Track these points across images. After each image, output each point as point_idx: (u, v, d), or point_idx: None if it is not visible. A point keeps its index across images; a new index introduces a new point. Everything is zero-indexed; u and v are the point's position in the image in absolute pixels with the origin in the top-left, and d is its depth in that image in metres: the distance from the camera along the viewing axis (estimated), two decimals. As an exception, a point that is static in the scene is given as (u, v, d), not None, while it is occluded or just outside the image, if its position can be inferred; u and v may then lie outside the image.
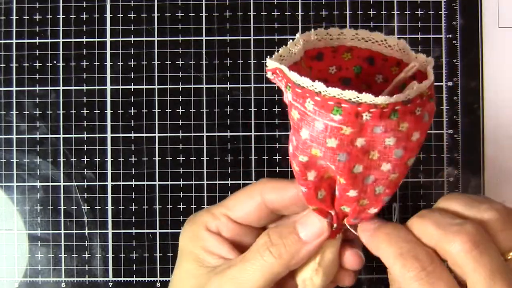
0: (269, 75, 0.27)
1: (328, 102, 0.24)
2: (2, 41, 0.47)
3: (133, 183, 0.46)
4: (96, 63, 0.46)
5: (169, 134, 0.46)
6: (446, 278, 0.25)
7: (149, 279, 0.46)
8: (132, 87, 0.46)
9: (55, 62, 0.46)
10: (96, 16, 0.47)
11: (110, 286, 0.46)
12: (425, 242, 0.26)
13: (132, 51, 0.46)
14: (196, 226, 0.32)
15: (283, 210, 0.31)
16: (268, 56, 0.26)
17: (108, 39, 0.47)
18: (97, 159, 0.46)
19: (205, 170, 0.46)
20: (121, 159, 0.46)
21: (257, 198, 0.31)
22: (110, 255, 0.46)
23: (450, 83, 0.46)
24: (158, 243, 0.46)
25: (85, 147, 0.46)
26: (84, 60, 0.46)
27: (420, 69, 0.28)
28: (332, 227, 0.30)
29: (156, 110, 0.46)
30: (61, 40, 0.47)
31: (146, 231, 0.46)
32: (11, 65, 0.46)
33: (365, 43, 0.29)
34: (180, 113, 0.46)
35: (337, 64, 0.30)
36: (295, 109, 0.26)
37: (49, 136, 0.46)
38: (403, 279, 0.26)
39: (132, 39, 0.47)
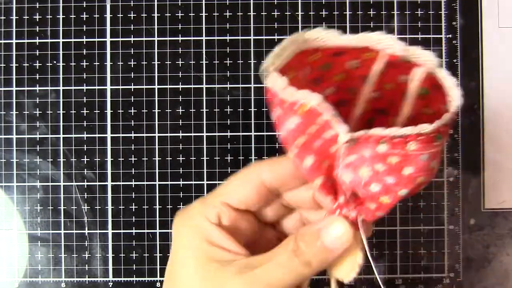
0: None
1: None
2: (2, 41, 0.47)
3: (133, 183, 0.46)
4: (96, 63, 0.46)
5: (169, 134, 0.46)
6: None
7: (149, 279, 0.46)
8: (132, 87, 0.46)
9: (55, 62, 0.46)
10: (96, 16, 0.47)
11: (110, 286, 0.46)
12: None
13: (132, 51, 0.47)
14: (195, 219, 0.31)
15: (282, 187, 0.31)
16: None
17: (108, 39, 0.47)
18: (97, 159, 0.46)
19: (205, 170, 0.46)
20: (121, 159, 0.46)
21: (255, 179, 0.31)
22: (110, 255, 0.46)
23: (450, 83, 0.46)
24: (158, 243, 0.46)
25: (85, 147, 0.46)
26: (84, 60, 0.46)
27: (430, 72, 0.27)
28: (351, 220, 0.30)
29: (156, 110, 0.46)
30: (61, 40, 0.47)
31: (146, 231, 0.46)
32: (11, 65, 0.46)
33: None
34: (180, 113, 0.46)
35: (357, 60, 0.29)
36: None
37: (49, 136, 0.46)
38: None
39: (132, 39, 0.47)
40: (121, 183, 0.46)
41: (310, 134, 0.26)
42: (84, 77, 0.46)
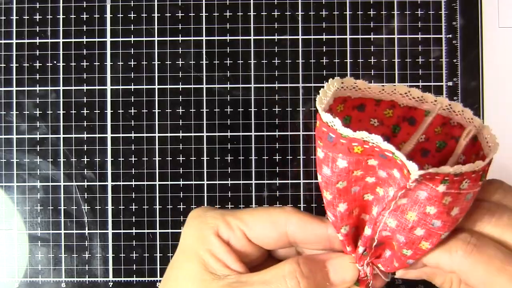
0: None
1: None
2: (2, 41, 0.47)
3: (133, 183, 0.46)
4: (96, 63, 0.46)
5: (169, 134, 0.46)
6: None
7: (149, 279, 0.46)
8: (132, 87, 0.46)
9: (55, 62, 0.46)
10: (96, 16, 0.47)
11: (110, 286, 0.46)
12: None
13: (132, 51, 0.47)
14: (205, 226, 0.30)
15: (303, 245, 0.31)
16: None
17: (108, 39, 0.47)
18: (97, 159, 0.46)
19: (205, 170, 0.46)
20: (121, 159, 0.46)
21: (281, 227, 0.30)
22: (110, 255, 0.46)
23: (450, 83, 0.46)
24: (158, 243, 0.46)
25: (85, 147, 0.46)
26: (84, 60, 0.47)
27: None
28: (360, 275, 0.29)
29: (156, 110, 0.46)
30: (61, 40, 0.47)
31: (146, 231, 0.46)
32: (11, 65, 0.46)
33: (405, 99, 0.28)
34: (180, 113, 0.46)
35: (379, 118, 0.29)
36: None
37: (49, 136, 0.46)
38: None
39: (132, 39, 0.47)
40: (121, 183, 0.46)
41: (353, 178, 0.26)
42: (84, 77, 0.47)
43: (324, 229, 0.29)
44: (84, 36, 0.47)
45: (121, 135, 0.46)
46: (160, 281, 0.46)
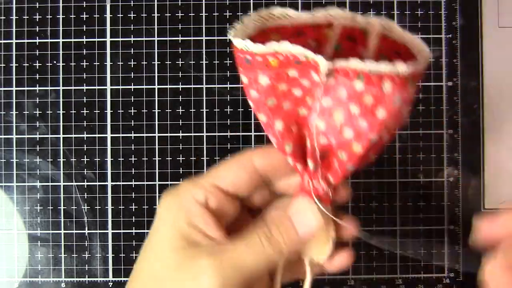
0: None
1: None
2: (2, 41, 0.47)
3: (133, 183, 0.46)
4: (96, 63, 0.46)
5: (169, 134, 0.46)
6: None
7: (149, 279, 0.46)
8: (132, 87, 0.46)
9: (55, 62, 0.46)
10: (96, 16, 0.47)
11: (110, 286, 0.46)
12: None
13: (132, 51, 0.47)
14: (181, 197, 0.31)
15: (273, 174, 0.32)
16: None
17: (108, 39, 0.47)
18: (97, 159, 0.46)
19: (205, 170, 0.46)
20: (121, 159, 0.46)
21: (247, 165, 0.31)
22: (110, 255, 0.46)
23: (450, 83, 0.46)
24: (158, 243, 0.46)
25: (85, 147, 0.46)
26: (84, 60, 0.46)
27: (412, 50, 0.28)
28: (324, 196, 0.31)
29: (156, 110, 0.46)
30: (61, 40, 0.47)
31: (146, 231, 0.46)
32: (11, 65, 0.46)
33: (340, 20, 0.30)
34: (180, 113, 0.46)
35: (318, 38, 0.31)
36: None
37: (49, 136, 0.46)
38: None
39: (132, 39, 0.47)
40: (121, 183, 0.46)
41: (280, 93, 0.28)
42: (84, 77, 0.46)
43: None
44: (84, 36, 0.47)
45: (121, 135, 0.46)
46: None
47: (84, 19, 0.47)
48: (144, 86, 0.46)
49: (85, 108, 0.46)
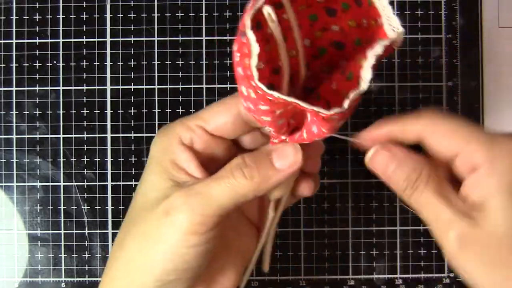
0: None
1: None
2: (2, 41, 0.47)
3: (133, 183, 0.46)
4: (96, 63, 0.46)
5: (169, 134, 0.46)
6: None
7: (149, 279, 0.46)
8: (132, 87, 0.46)
9: (55, 62, 0.46)
10: (96, 16, 0.47)
11: (110, 286, 0.46)
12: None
13: (132, 51, 0.47)
14: (168, 137, 0.31)
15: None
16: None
17: (108, 39, 0.47)
18: (97, 159, 0.46)
19: (205, 170, 0.46)
20: (121, 159, 0.46)
21: (233, 109, 0.31)
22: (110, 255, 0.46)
23: (450, 83, 0.46)
24: (158, 243, 0.46)
25: (85, 147, 0.46)
26: (84, 60, 0.46)
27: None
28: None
29: (156, 110, 0.46)
30: (61, 40, 0.47)
31: (146, 231, 0.46)
32: (11, 65, 0.46)
33: None
34: (180, 113, 0.46)
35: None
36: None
37: (49, 136, 0.46)
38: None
39: (132, 39, 0.47)
40: (121, 183, 0.46)
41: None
42: (84, 77, 0.46)
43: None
44: (84, 36, 0.47)
45: (121, 135, 0.46)
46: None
47: (84, 19, 0.47)
48: (144, 86, 0.46)
49: (85, 108, 0.46)
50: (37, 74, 0.47)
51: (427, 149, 0.30)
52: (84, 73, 0.47)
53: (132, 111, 0.46)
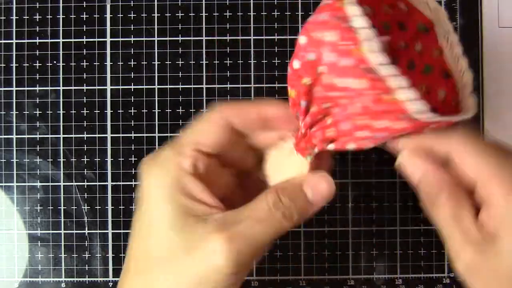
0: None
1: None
2: (2, 41, 0.47)
3: (133, 183, 0.46)
4: (96, 63, 0.46)
5: (169, 134, 0.46)
6: None
7: (149, 279, 0.46)
8: (132, 87, 0.46)
9: (55, 62, 0.46)
10: (96, 16, 0.47)
11: (110, 286, 0.46)
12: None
13: (132, 51, 0.47)
14: (169, 168, 0.29)
15: (249, 132, 0.31)
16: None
17: (108, 39, 0.47)
18: (97, 159, 0.46)
19: (205, 170, 0.46)
20: (121, 159, 0.46)
21: (222, 122, 0.30)
22: (110, 255, 0.46)
23: (450, 83, 0.46)
24: (158, 243, 0.46)
25: (85, 147, 0.46)
26: (84, 60, 0.47)
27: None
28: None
29: (156, 110, 0.46)
30: (61, 40, 0.47)
31: (146, 231, 0.46)
32: (11, 65, 0.46)
33: None
34: (180, 113, 0.46)
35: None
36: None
37: (49, 136, 0.46)
38: None
39: (132, 39, 0.47)
40: (121, 183, 0.46)
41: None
42: (84, 77, 0.47)
43: (255, 108, 0.30)
44: (84, 36, 0.47)
45: (121, 135, 0.46)
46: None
47: (84, 19, 0.47)
48: (144, 86, 0.47)
49: (85, 108, 0.46)
50: (37, 74, 0.47)
51: (455, 167, 0.30)
52: (84, 73, 0.47)
53: (132, 111, 0.46)
